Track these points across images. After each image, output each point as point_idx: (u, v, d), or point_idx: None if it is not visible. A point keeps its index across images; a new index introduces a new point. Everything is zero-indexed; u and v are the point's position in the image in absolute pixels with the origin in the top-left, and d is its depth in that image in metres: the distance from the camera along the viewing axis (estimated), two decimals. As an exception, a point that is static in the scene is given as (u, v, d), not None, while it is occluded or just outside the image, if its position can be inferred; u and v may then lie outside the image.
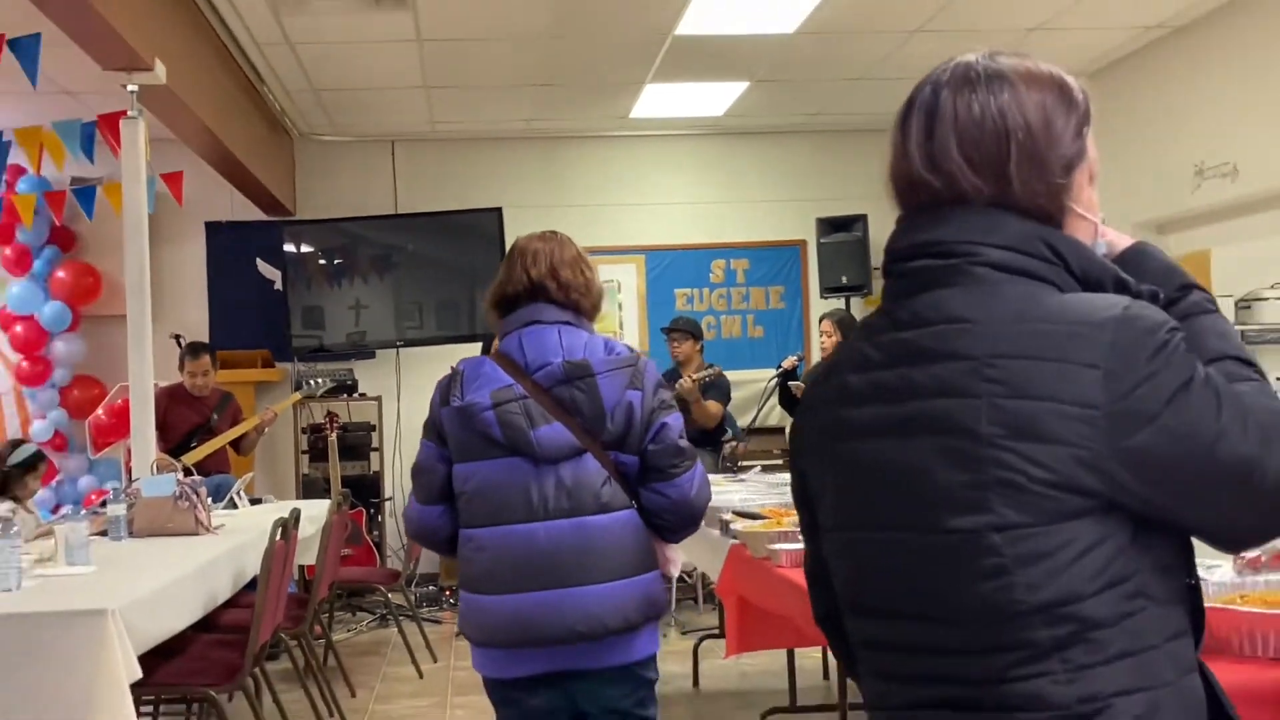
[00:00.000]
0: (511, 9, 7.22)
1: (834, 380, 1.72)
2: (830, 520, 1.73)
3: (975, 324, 1.54)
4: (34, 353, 10.08)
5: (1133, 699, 1.48)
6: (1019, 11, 7.58)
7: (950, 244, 1.60)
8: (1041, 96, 1.64)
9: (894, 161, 1.69)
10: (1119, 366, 1.46)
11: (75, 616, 4.05)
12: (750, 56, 8.20)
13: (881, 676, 1.68)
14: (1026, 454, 1.47)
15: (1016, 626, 1.49)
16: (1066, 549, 1.47)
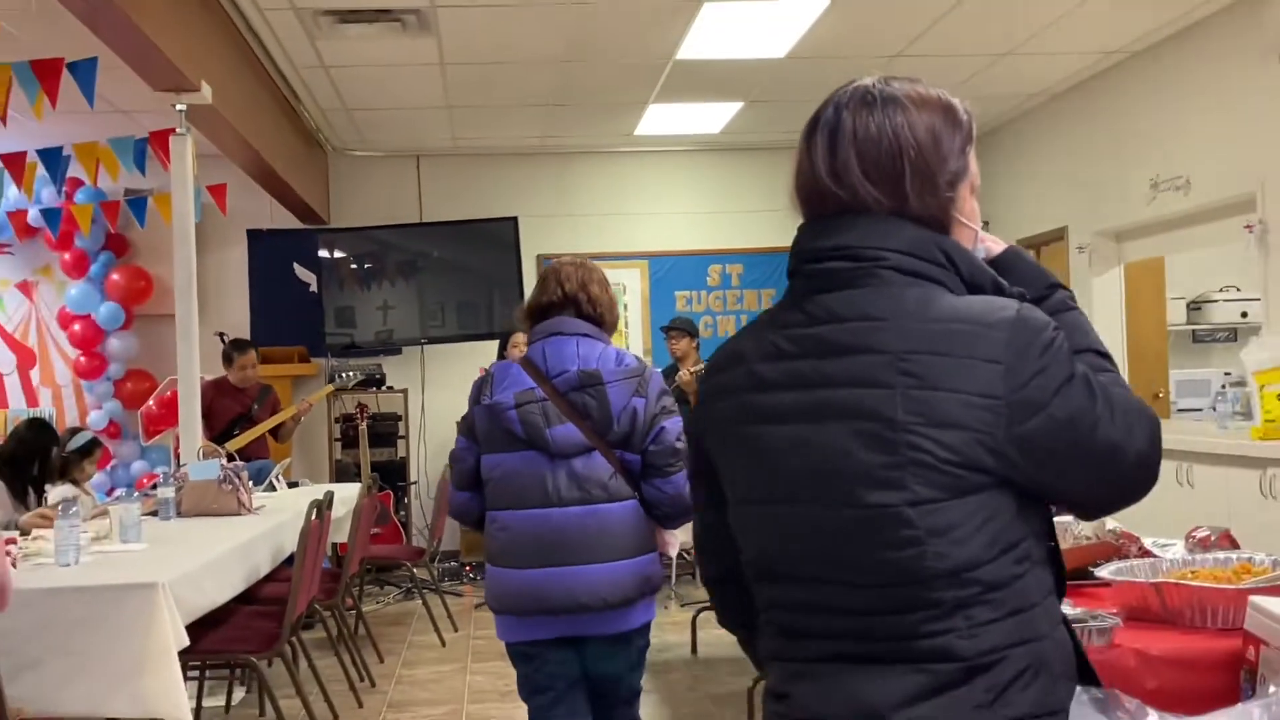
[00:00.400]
0: (527, 35, 7.23)
1: (740, 368, 1.71)
2: (740, 495, 1.73)
3: (887, 322, 1.57)
4: (91, 349, 10.09)
5: (1022, 649, 1.55)
6: (991, 37, 7.57)
7: (858, 249, 1.62)
8: (931, 118, 1.67)
9: (800, 175, 1.71)
10: (1016, 362, 1.52)
11: (128, 589, 4.07)
12: (744, 79, 8.21)
13: (791, 633, 1.69)
14: (936, 438, 1.51)
15: (926, 589, 1.54)
16: (969, 521, 1.53)
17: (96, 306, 10.04)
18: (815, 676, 1.64)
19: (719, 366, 1.78)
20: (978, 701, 1.53)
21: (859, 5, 6.79)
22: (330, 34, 7.02)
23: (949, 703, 1.53)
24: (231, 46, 6.84)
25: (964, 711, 1.53)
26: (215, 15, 6.46)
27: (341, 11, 6.65)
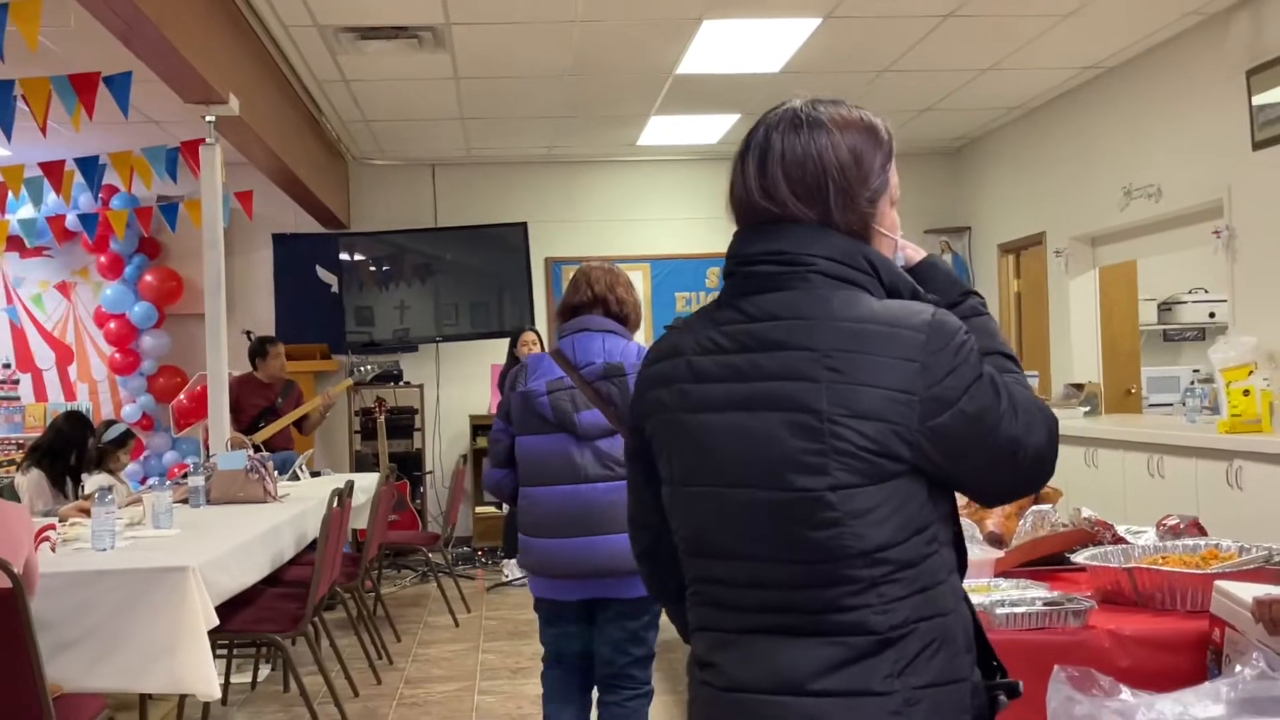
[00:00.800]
0: (536, 52, 7.23)
1: (678, 360, 1.74)
2: (678, 477, 1.74)
3: (815, 321, 1.61)
4: (125, 346, 10.09)
5: (928, 624, 1.60)
6: (973, 54, 7.56)
7: (791, 254, 1.66)
8: (853, 139, 1.71)
9: (734, 190, 1.76)
10: (931, 361, 1.57)
11: (161, 572, 4.08)
12: (741, 93, 8.20)
13: (719, 606, 1.71)
14: (857, 428, 1.56)
15: (845, 567, 1.57)
16: (885, 505, 1.58)
17: (130, 306, 10.05)
18: (739, 646, 1.67)
19: (658, 358, 1.80)
20: (887, 671, 1.57)
21: (848, 24, 6.78)
22: (351, 50, 7.02)
23: (861, 672, 1.57)
24: (258, 61, 6.84)
25: (875, 681, 1.57)
26: (243, 31, 6.46)
27: (362, 29, 6.65)
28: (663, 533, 1.82)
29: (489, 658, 6.77)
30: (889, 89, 8.29)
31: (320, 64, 7.39)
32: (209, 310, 6.96)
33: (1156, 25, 7.09)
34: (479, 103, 8.48)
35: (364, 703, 5.85)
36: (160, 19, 4.88)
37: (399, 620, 7.64)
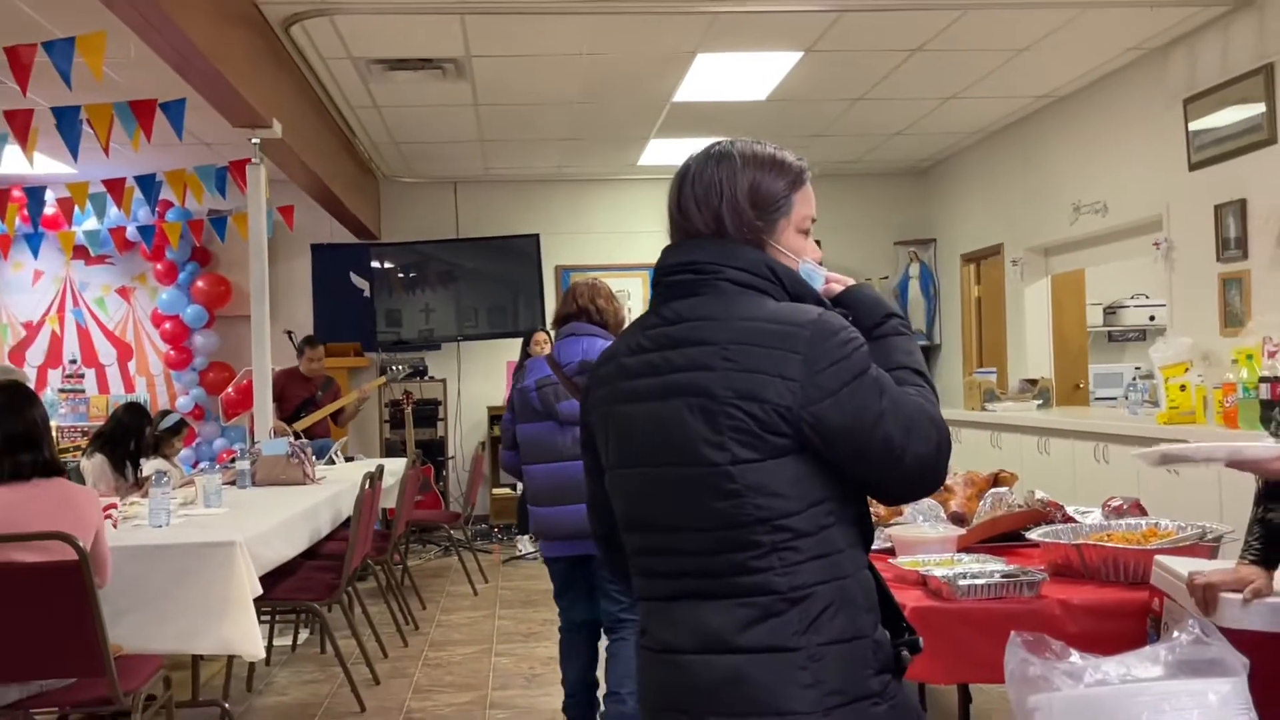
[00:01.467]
0: (548, 81, 7.23)
1: (613, 362, 1.80)
2: (612, 461, 1.79)
3: (718, 321, 1.66)
4: (179, 344, 10.11)
5: (828, 586, 1.62)
6: (938, 84, 7.56)
7: (703, 264, 1.71)
8: (755, 172, 1.75)
9: (668, 208, 1.82)
10: (813, 354, 1.60)
11: (211, 546, 4.10)
12: (730, 119, 8.18)
13: (649, 574, 1.76)
14: (745, 408, 1.59)
15: (749, 533, 1.61)
16: (779, 479, 1.61)
17: (184, 308, 10.07)
18: (667, 613, 1.71)
19: (599, 363, 1.86)
20: (795, 629, 1.60)
21: (827, 57, 6.78)
22: (381, 79, 7.03)
23: (774, 627, 1.60)
24: (298, 89, 6.84)
25: (786, 636, 1.60)
26: (284, 62, 6.46)
27: (391, 60, 6.66)
28: (611, 518, 1.85)
29: (504, 623, 6.78)
30: (863, 115, 8.30)
31: (354, 92, 7.39)
32: (254, 312, 6.96)
33: (1103, 59, 7.10)
34: (496, 127, 8.48)
35: (392, 663, 5.85)
36: (211, 51, 4.89)
37: (424, 590, 7.65)
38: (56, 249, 9.77)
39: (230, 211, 8.66)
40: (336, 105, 7.75)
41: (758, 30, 6.30)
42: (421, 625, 6.77)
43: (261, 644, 4.17)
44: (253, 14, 5.68)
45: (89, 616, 3.49)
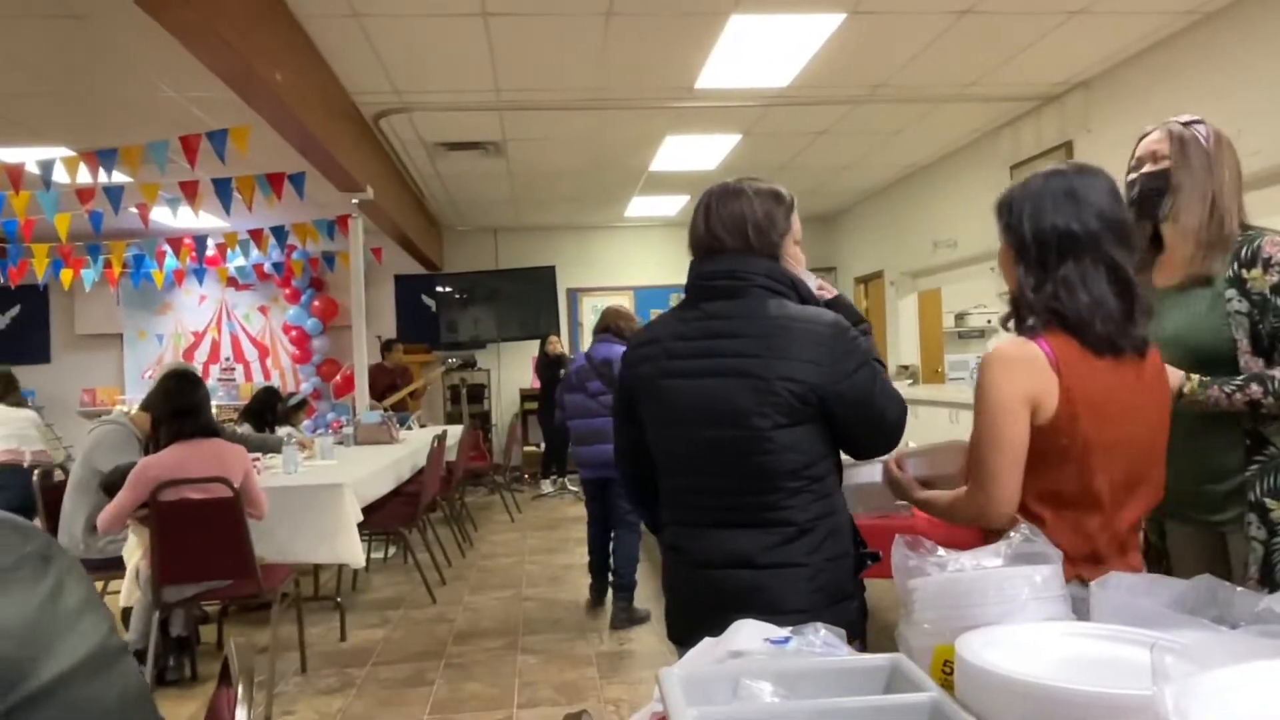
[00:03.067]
0: (561, 157, 7.23)
1: (658, 345, 1.70)
2: (659, 422, 1.70)
3: (756, 318, 1.60)
4: (302, 346, 10.10)
5: (827, 520, 1.61)
6: (838, 157, 7.59)
7: (739, 272, 1.64)
8: (763, 202, 1.69)
9: (694, 233, 1.73)
10: (835, 346, 1.57)
11: (327, 487, 4.14)
12: (691, 182, 8.21)
13: (687, 507, 1.68)
14: (785, 387, 1.55)
15: (776, 480, 1.58)
16: (803, 440, 1.58)
17: (305, 321, 10.05)
18: (702, 537, 1.65)
19: (640, 344, 1.76)
20: (805, 550, 1.59)
21: (759, 138, 6.80)
22: (443, 157, 7.03)
23: (788, 552, 1.58)
24: (384, 164, 6.83)
25: (798, 556, 1.58)
26: (375, 145, 6.45)
27: (450, 143, 6.66)
28: (637, 459, 1.79)
29: (533, 542, 6.79)
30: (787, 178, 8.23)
31: (423, 166, 7.38)
32: (354, 323, 7.02)
33: (954, 138, 7.15)
34: (523, 190, 8.47)
35: (454, 571, 5.87)
36: (324, 138, 4.90)
37: (475, 518, 7.67)
38: (215, 280, 9.82)
39: (337, 251, 8.67)
40: (411, 175, 7.74)
41: (709, 119, 6.32)
42: (475, 544, 6.78)
43: (362, 556, 4.20)
44: (353, 111, 5.68)
45: (241, 537, 3.54)
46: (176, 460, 3.51)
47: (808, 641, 1.16)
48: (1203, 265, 1.78)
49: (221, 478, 3.48)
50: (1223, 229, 1.76)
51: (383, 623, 4.74)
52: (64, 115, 5.50)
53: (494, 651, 4.20)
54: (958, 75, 5.50)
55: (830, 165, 7.85)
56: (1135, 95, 5.27)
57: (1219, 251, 1.76)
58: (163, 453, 3.55)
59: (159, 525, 3.46)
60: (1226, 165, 1.80)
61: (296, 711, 3.54)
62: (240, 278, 9.71)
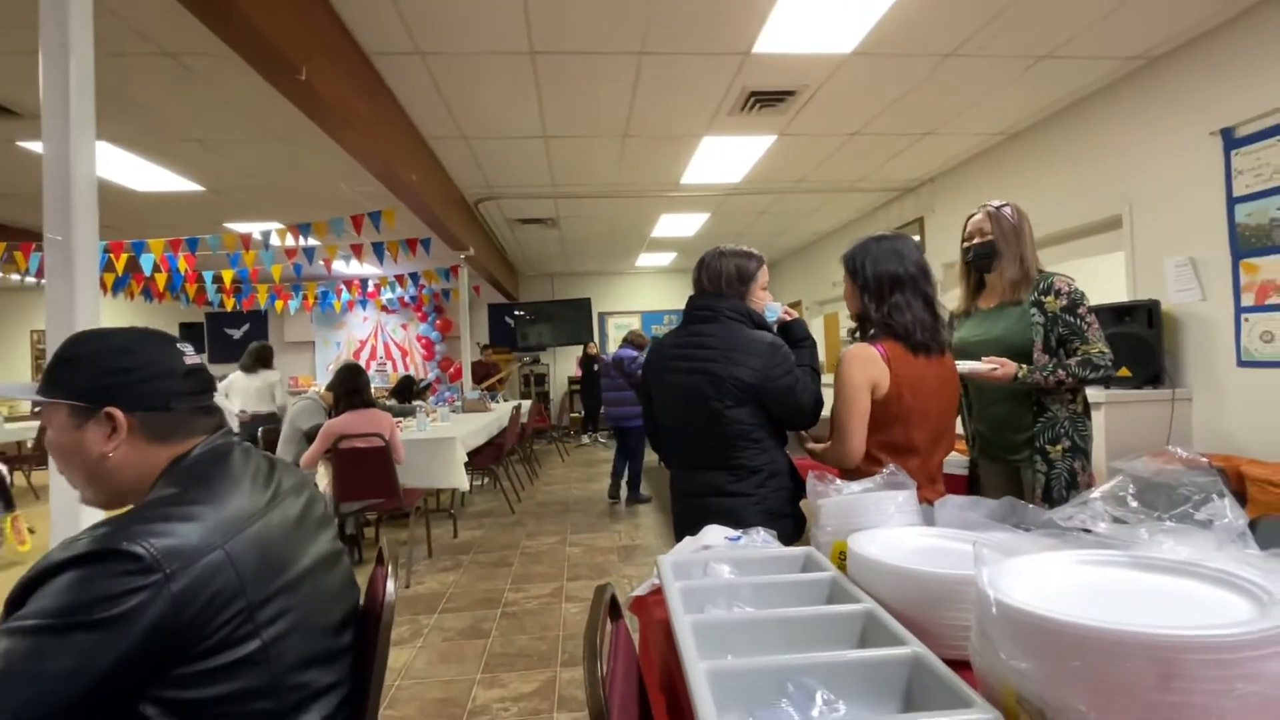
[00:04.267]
0: (592, 228, 7.16)
1: (663, 351, 1.68)
2: (661, 402, 1.68)
3: (720, 336, 1.58)
4: (429, 350, 10.03)
5: (769, 466, 1.57)
6: (776, 228, 7.49)
7: (713, 306, 1.63)
8: (738, 260, 1.68)
9: (695, 279, 1.70)
10: (769, 358, 1.54)
11: (445, 439, 4.09)
12: (681, 245, 8.17)
13: (679, 455, 1.65)
14: (734, 383, 1.53)
15: (733, 439, 1.56)
16: (747, 415, 1.55)
17: (431, 333, 9.97)
18: (690, 476, 1.63)
19: (654, 350, 1.73)
20: (756, 484, 1.55)
21: (721, 216, 6.73)
22: (519, 228, 6.96)
23: (743, 485, 1.55)
24: (480, 231, 6.80)
25: (749, 488, 1.55)
26: (474, 219, 6.39)
27: (522, 219, 6.60)
28: (654, 422, 1.77)
29: (574, 473, 6.75)
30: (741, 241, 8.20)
31: (505, 233, 7.31)
32: (462, 335, 7.02)
33: (847, 215, 7.06)
34: (570, 248, 8.39)
35: (526, 492, 5.83)
36: (443, 216, 4.88)
37: (539, 460, 7.62)
38: (373, 307, 9.77)
39: (451, 288, 8.63)
40: (497, 239, 7.69)
41: (689, 203, 6.25)
42: (540, 476, 6.74)
43: (467, 483, 4.17)
44: (460, 199, 5.65)
45: (390, 471, 3.53)
46: (348, 422, 3.51)
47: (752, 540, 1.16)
48: (1014, 295, 1.84)
49: (377, 433, 3.48)
50: (1028, 275, 1.83)
51: (480, 526, 4.72)
52: (277, 202, 5.51)
53: (550, 545, 4.17)
54: (850, 174, 5.47)
55: (769, 232, 7.78)
56: (966, 187, 5.23)
57: (1025, 287, 1.83)
58: (339, 417, 3.56)
59: (337, 463, 3.47)
60: (1026, 232, 1.85)
61: (425, 583, 3.53)
62: (389, 305, 9.71)
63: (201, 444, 0.93)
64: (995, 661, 0.66)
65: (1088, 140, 3.86)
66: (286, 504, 0.95)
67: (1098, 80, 3.66)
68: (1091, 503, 0.84)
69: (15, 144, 3.99)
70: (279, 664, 0.85)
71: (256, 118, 3.75)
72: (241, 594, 0.83)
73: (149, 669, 0.78)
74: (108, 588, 0.75)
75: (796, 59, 3.36)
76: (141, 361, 0.90)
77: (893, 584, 0.89)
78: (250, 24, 2.19)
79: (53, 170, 1.63)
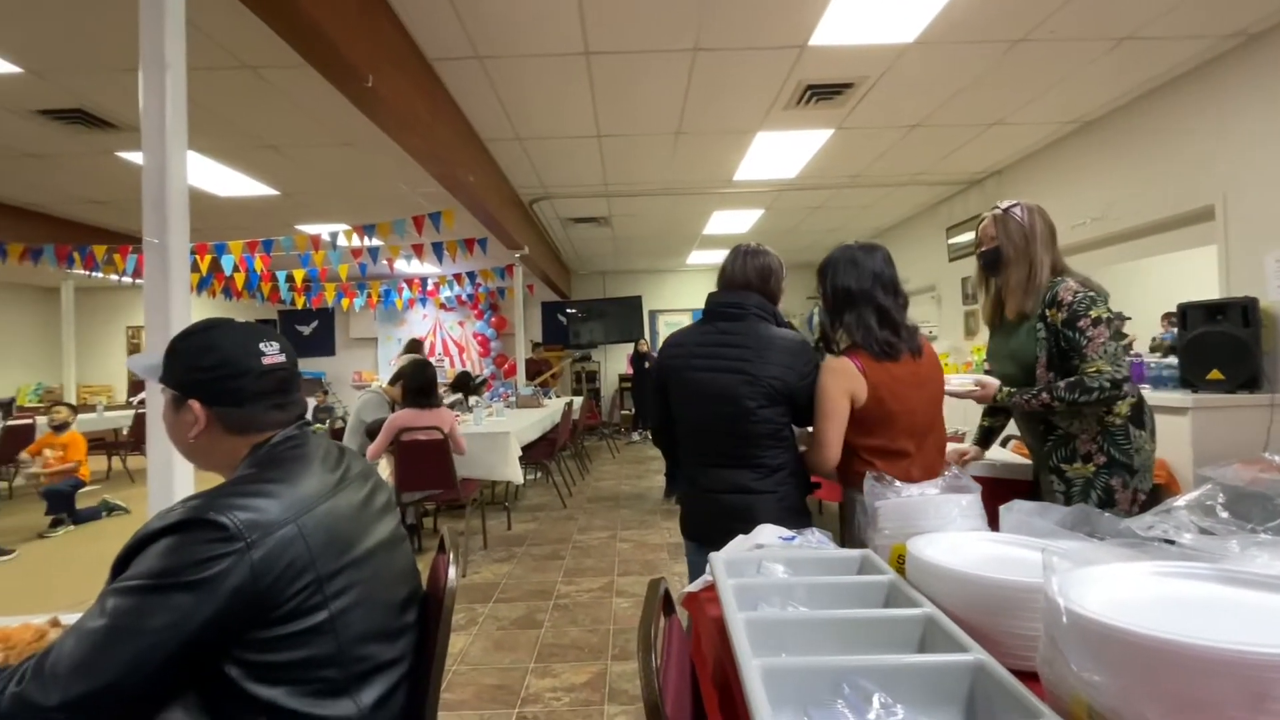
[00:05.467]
0: (644, 226, 7.17)
1: (684, 347, 1.64)
2: (681, 399, 1.63)
3: (749, 335, 1.57)
4: (485, 346, 10.25)
5: (789, 464, 1.56)
6: (828, 224, 7.34)
7: (741, 304, 1.61)
8: (767, 259, 1.67)
9: (723, 274, 1.68)
10: (801, 355, 1.55)
11: (500, 434, 4.15)
12: (731, 241, 8.01)
13: (702, 453, 1.62)
14: (767, 381, 1.53)
15: (759, 438, 1.55)
16: (775, 413, 1.54)
17: (487, 330, 10.20)
18: (711, 473, 1.62)
19: (672, 345, 1.69)
20: (776, 481, 1.55)
21: (776, 211, 6.61)
22: (572, 227, 7.05)
23: (765, 483, 1.54)
24: (534, 230, 6.91)
25: (771, 485, 1.54)
26: (529, 219, 6.50)
27: (575, 218, 6.67)
28: (666, 425, 1.74)
29: (624, 469, 6.78)
30: (794, 238, 8.05)
31: (559, 233, 7.41)
32: (517, 332, 7.11)
33: (904, 211, 6.83)
34: (623, 248, 8.43)
35: (578, 486, 5.90)
36: (499, 217, 4.98)
37: (590, 456, 7.69)
38: (432, 305, 10.05)
39: (506, 286, 8.80)
40: (552, 238, 7.80)
41: (742, 200, 6.17)
42: (590, 471, 6.81)
43: (521, 477, 4.23)
44: (516, 199, 5.76)
45: (449, 463, 3.62)
46: (411, 416, 3.64)
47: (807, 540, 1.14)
48: (1023, 306, 1.74)
49: (437, 427, 3.60)
50: (1037, 280, 1.71)
51: (533, 519, 4.79)
52: (343, 205, 5.77)
53: (601, 540, 4.20)
54: (909, 168, 5.27)
55: (822, 229, 7.60)
56: (1035, 179, 4.96)
57: (1033, 296, 1.73)
58: (403, 411, 3.69)
59: (400, 455, 3.59)
60: (1039, 233, 1.72)
61: (480, 572, 3.62)
62: (447, 303, 9.98)
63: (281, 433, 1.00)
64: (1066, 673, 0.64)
65: (1174, 126, 3.59)
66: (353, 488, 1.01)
67: (1188, 61, 3.40)
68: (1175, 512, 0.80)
69: (114, 155, 4.34)
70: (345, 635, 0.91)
71: (326, 124, 3.94)
72: (311, 566, 0.89)
73: (232, 629, 0.85)
74: (198, 553, 0.82)
75: (855, 50, 3.26)
76: (220, 360, 0.97)
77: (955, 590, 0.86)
78: (321, 34, 2.31)
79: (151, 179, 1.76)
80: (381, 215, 5.83)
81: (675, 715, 0.84)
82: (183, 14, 1.80)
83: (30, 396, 8.88)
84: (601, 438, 9.10)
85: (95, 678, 0.77)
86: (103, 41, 2.88)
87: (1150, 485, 1.64)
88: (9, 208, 5.51)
